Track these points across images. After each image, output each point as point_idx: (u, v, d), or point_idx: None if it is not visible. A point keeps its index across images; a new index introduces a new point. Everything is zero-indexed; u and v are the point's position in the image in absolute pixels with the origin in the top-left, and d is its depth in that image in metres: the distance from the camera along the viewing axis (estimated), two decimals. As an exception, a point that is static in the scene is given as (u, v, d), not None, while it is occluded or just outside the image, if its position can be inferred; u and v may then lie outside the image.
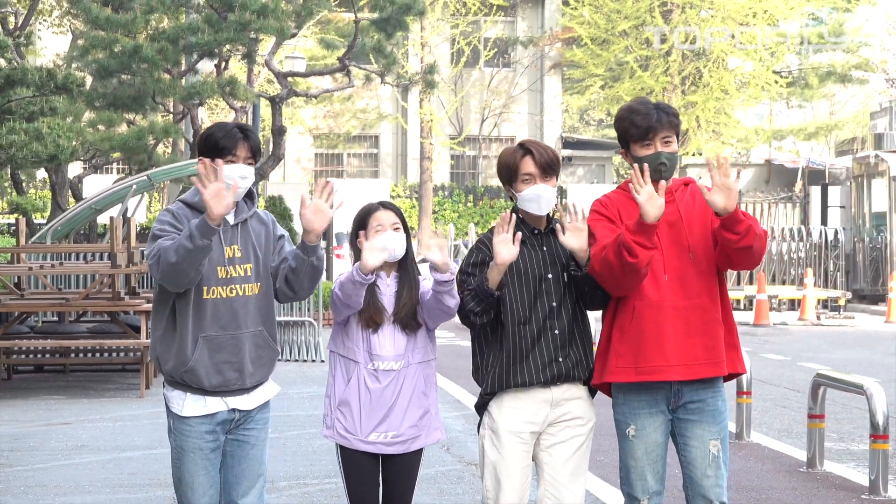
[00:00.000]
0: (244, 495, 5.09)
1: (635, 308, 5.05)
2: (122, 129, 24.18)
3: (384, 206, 5.26)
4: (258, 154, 5.08)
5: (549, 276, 5.18)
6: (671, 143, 5.12)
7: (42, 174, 30.45)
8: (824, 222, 29.61)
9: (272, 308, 5.13)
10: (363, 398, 5.18)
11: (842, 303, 26.27)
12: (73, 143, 15.92)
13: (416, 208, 36.96)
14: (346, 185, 27.65)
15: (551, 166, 5.17)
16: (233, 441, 5.08)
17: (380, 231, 5.19)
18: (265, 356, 5.09)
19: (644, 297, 5.04)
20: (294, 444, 9.80)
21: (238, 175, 4.93)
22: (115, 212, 18.07)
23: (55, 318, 14.90)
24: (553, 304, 5.16)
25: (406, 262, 5.27)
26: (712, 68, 33.15)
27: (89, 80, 21.93)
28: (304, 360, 15.95)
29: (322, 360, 15.76)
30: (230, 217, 5.02)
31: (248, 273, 5.02)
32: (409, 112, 39.16)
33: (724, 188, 4.96)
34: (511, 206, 5.31)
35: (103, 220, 21.69)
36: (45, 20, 30.34)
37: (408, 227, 5.30)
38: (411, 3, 22.00)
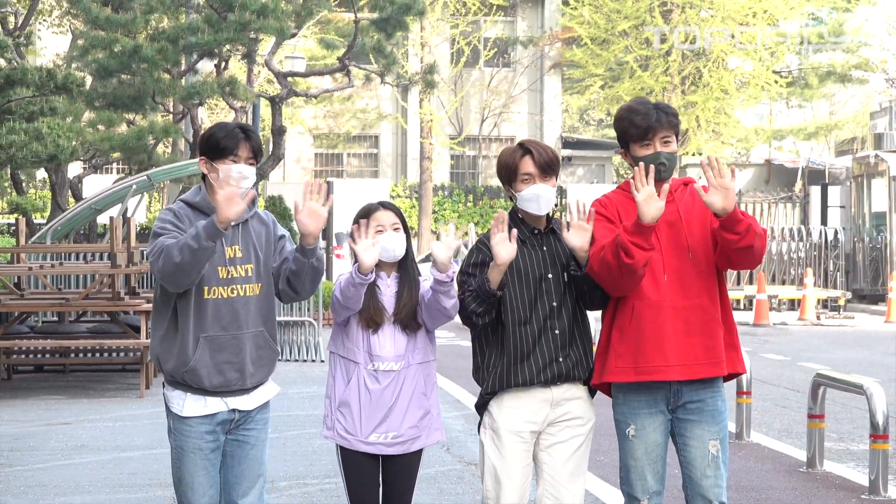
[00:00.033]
0: (244, 495, 5.09)
1: (635, 308, 5.05)
2: (122, 129, 24.18)
3: (384, 206, 5.25)
4: (259, 154, 5.08)
5: (550, 276, 5.18)
6: (670, 143, 5.11)
7: (42, 174, 30.44)
8: (824, 222, 29.61)
9: (273, 309, 5.13)
10: (363, 399, 5.18)
11: (842, 303, 26.26)
12: (73, 143, 15.91)
13: (416, 208, 36.94)
14: (346, 185, 27.61)
15: (551, 166, 5.17)
16: (233, 441, 5.08)
17: (380, 231, 5.18)
18: (266, 357, 5.09)
19: (644, 298, 5.04)
20: (294, 444, 9.80)
21: (240, 175, 4.93)
22: (115, 212, 18.07)
23: (55, 318, 14.90)
24: (553, 303, 5.16)
25: (406, 263, 5.27)
26: (712, 68, 33.14)
27: (89, 80, 21.92)
28: (304, 360, 15.96)
29: (322, 361, 15.76)
30: None
31: (249, 273, 5.02)
32: (409, 112, 39.15)
33: (721, 188, 4.96)
34: (510, 206, 5.31)
35: (103, 220, 21.69)
36: (45, 20, 30.33)
37: (408, 228, 5.30)
38: (411, 3, 22.00)
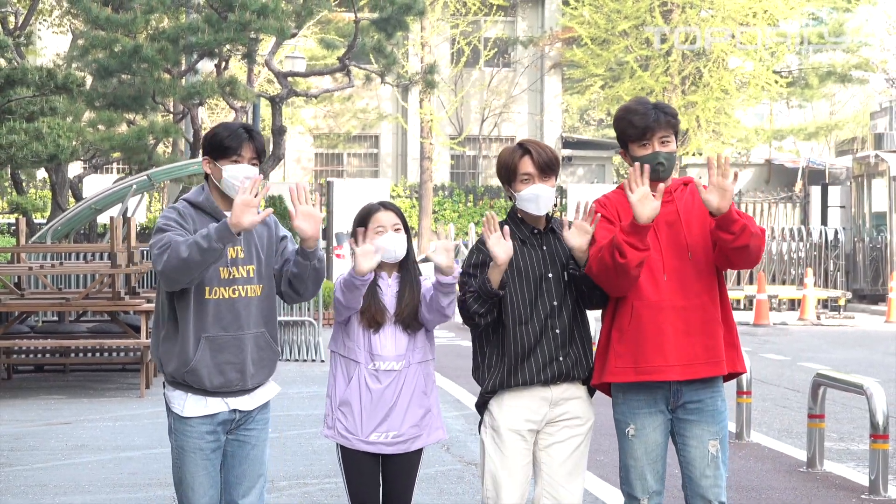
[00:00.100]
0: (245, 495, 5.09)
1: (634, 308, 5.05)
2: (122, 128, 24.17)
3: (385, 206, 5.25)
4: (263, 155, 5.08)
5: (550, 276, 5.18)
6: (669, 143, 5.11)
7: (42, 174, 30.44)
8: (824, 222, 29.61)
9: (274, 310, 5.13)
10: (364, 398, 5.18)
11: (842, 303, 26.26)
12: (73, 142, 15.91)
13: (416, 208, 36.93)
14: (346, 185, 27.59)
15: (550, 166, 5.17)
16: (233, 441, 5.09)
17: (380, 232, 5.18)
18: (266, 358, 5.09)
19: (643, 298, 5.04)
20: (294, 444, 9.81)
21: (242, 175, 4.93)
22: (115, 212, 18.08)
23: (55, 318, 14.91)
24: (554, 303, 5.16)
25: (407, 263, 5.27)
26: (712, 68, 33.12)
27: (89, 80, 21.92)
28: (305, 360, 15.95)
29: (322, 360, 15.77)
30: None
31: (251, 274, 5.02)
32: (409, 112, 39.14)
33: (719, 188, 4.96)
34: (510, 206, 5.31)
35: (103, 219, 21.70)
36: (45, 20, 30.32)
37: (408, 228, 5.30)
38: (411, 2, 21.99)
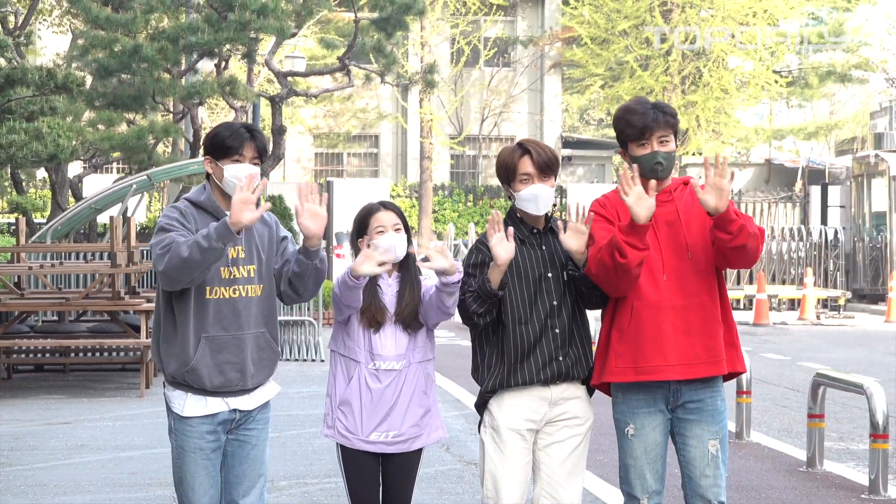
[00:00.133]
0: (245, 495, 5.09)
1: (634, 308, 5.05)
2: (122, 128, 24.16)
3: (385, 206, 5.24)
4: (265, 154, 5.07)
5: (549, 275, 5.18)
6: (668, 142, 5.11)
7: (42, 174, 30.43)
8: (824, 222, 29.60)
9: (274, 310, 5.13)
10: (364, 398, 5.18)
11: (842, 302, 26.26)
12: (73, 142, 15.90)
13: (416, 208, 36.92)
14: (346, 185, 27.59)
15: (549, 166, 5.16)
16: (234, 441, 5.08)
17: (381, 232, 5.17)
18: (267, 358, 5.09)
19: (643, 297, 5.04)
20: (294, 444, 9.81)
21: (244, 175, 4.92)
22: (115, 211, 18.08)
23: (55, 318, 14.91)
24: (553, 302, 5.16)
25: (408, 262, 5.26)
26: (712, 68, 33.12)
27: (89, 80, 21.91)
28: (305, 360, 15.95)
29: (322, 360, 15.77)
30: None
31: (252, 274, 5.02)
32: (409, 112, 39.14)
33: (716, 188, 4.96)
34: (510, 206, 5.31)
35: (103, 219, 21.70)
36: (45, 20, 30.32)
37: (409, 228, 5.30)
38: (411, 2, 21.98)
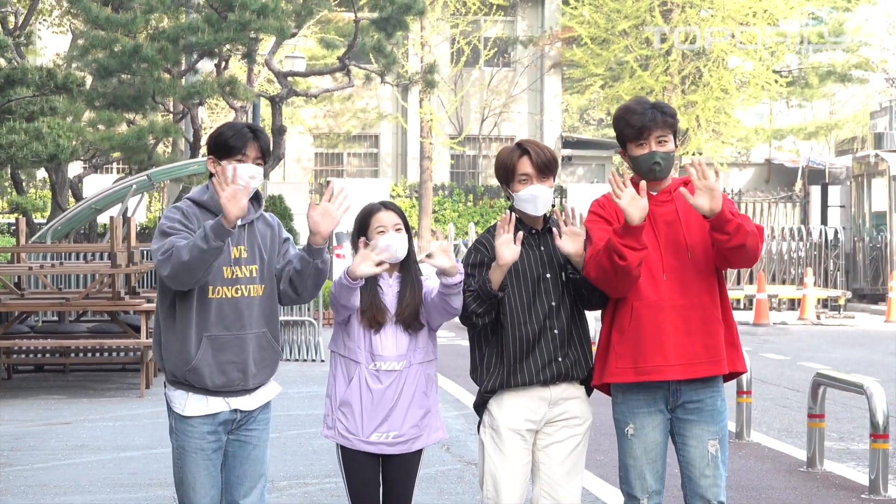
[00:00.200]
0: (246, 495, 5.09)
1: (634, 308, 5.05)
2: (122, 128, 24.16)
3: (386, 206, 5.24)
4: (268, 154, 5.07)
5: (548, 276, 5.18)
6: (666, 142, 5.11)
7: (42, 174, 30.43)
8: (824, 222, 29.60)
9: (276, 310, 5.13)
10: (364, 398, 5.17)
11: (842, 302, 26.25)
12: (73, 142, 15.90)
13: (416, 208, 36.91)
14: (345, 185, 27.61)
15: (548, 166, 5.16)
16: (234, 441, 5.09)
17: (382, 232, 5.17)
18: (268, 358, 5.09)
19: (643, 298, 5.04)
20: (294, 444, 9.81)
21: (247, 175, 4.93)
22: (115, 211, 18.08)
23: (55, 318, 14.90)
24: (552, 303, 5.16)
25: (408, 263, 5.26)
26: (712, 68, 33.11)
27: (89, 80, 21.91)
28: (305, 360, 15.95)
29: (322, 360, 15.77)
30: None
31: (254, 274, 5.02)
32: (409, 112, 39.13)
33: (706, 190, 4.96)
34: (509, 206, 5.31)
35: (103, 219, 21.69)
36: (45, 20, 30.32)
37: (409, 228, 5.29)
38: (411, 2, 21.98)
